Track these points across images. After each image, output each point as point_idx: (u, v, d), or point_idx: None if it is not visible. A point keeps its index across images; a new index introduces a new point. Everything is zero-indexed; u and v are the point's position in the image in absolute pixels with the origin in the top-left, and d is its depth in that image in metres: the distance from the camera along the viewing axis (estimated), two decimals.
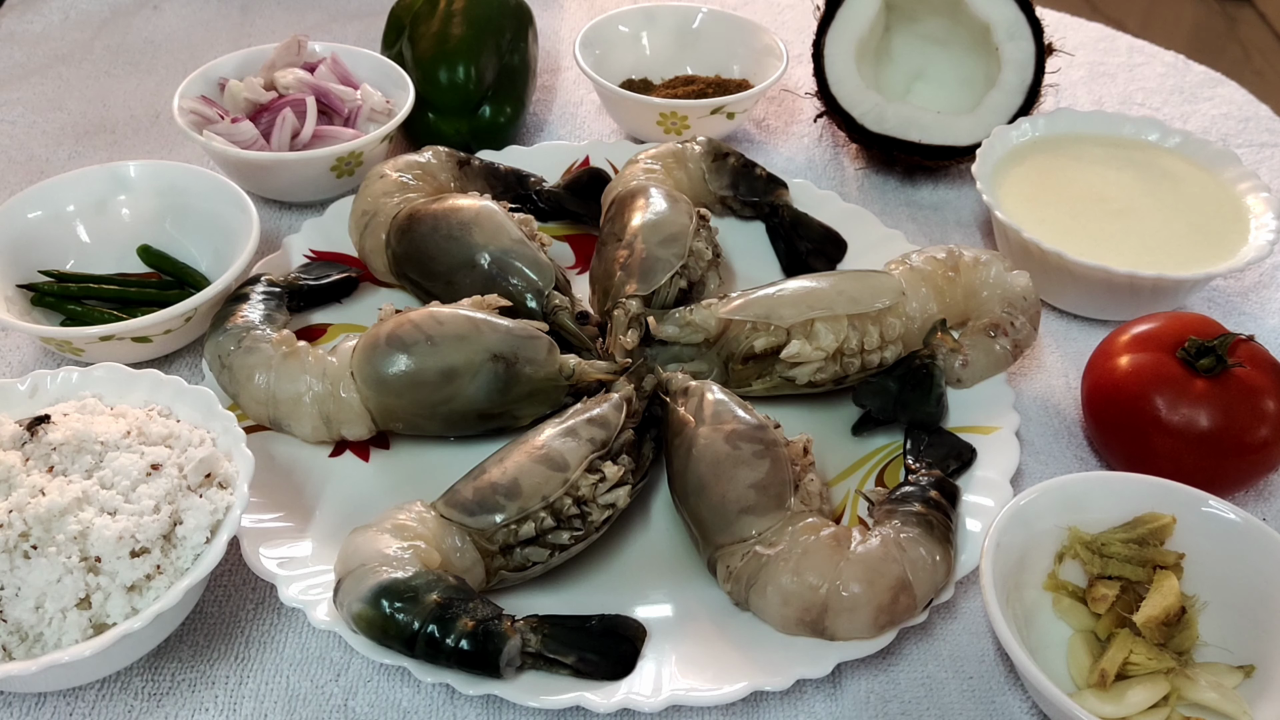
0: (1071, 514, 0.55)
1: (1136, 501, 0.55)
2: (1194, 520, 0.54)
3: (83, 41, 1.08)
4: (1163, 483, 0.55)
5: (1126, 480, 0.56)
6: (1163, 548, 0.54)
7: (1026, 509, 0.54)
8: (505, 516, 0.54)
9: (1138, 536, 0.54)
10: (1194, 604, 0.54)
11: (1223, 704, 0.50)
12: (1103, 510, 0.55)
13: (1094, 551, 0.54)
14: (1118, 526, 0.55)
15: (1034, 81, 0.86)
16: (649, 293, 0.67)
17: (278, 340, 0.64)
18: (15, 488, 0.51)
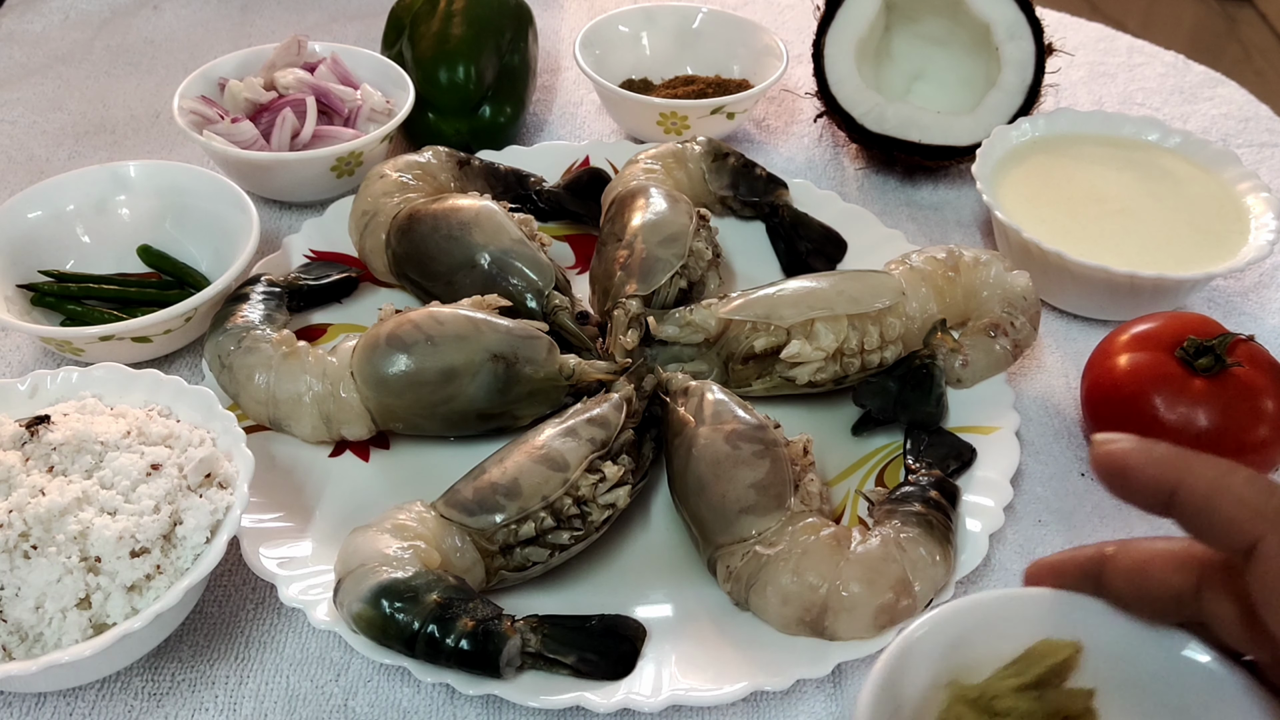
0: (949, 660, 0.39)
1: (1023, 628, 0.39)
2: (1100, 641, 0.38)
3: (83, 41, 1.08)
4: (1048, 595, 0.39)
5: (1004, 601, 0.40)
6: (1066, 687, 0.39)
7: (890, 679, 0.37)
8: (505, 516, 0.54)
9: (1033, 679, 0.39)
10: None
11: None
12: (987, 645, 0.39)
13: (982, 710, 0.39)
14: (1007, 667, 0.39)
15: (1034, 81, 0.86)
16: (649, 293, 0.67)
17: (278, 340, 0.64)
18: (15, 488, 0.51)
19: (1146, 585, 0.35)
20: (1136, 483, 0.32)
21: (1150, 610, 0.35)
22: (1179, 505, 0.31)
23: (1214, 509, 0.30)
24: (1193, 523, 0.31)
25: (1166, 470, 0.31)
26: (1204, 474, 0.31)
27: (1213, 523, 0.30)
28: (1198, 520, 0.31)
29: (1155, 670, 0.37)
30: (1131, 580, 0.35)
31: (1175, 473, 0.31)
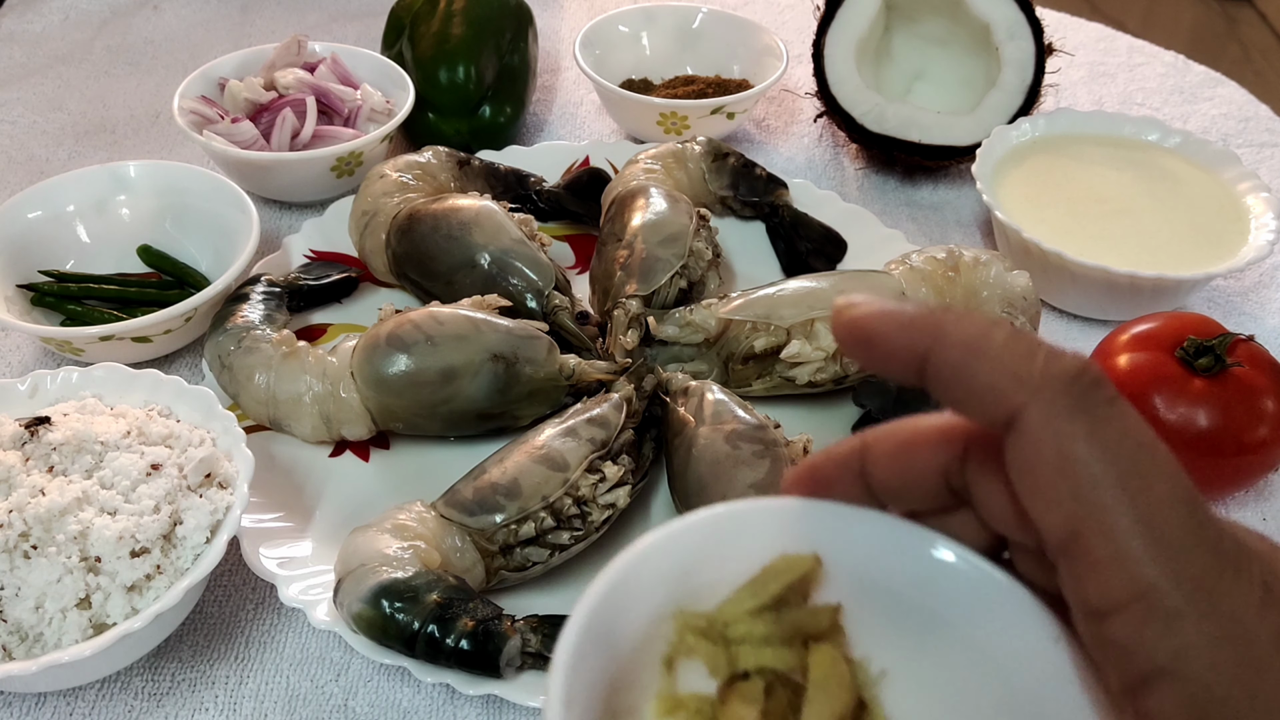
0: (675, 588, 0.33)
1: (757, 544, 0.33)
2: (846, 551, 0.33)
3: (83, 41, 1.08)
4: (786, 505, 0.33)
5: (733, 516, 0.33)
6: (809, 605, 0.34)
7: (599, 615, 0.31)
8: (505, 516, 0.54)
9: (771, 599, 0.33)
10: (873, 684, 0.33)
11: None
12: (717, 568, 0.33)
13: (715, 640, 0.33)
14: (742, 589, 0.33)
15: (1034, 81, 0.86)
16: (649, 293, 0.67)
17: (278, 340, 0.64)
18: (15, 488, 0.51)
19: (910, 469, 0.30)
20: (884, 350, 0.27)
21: (919, 497, 0.30)
22: (933, 371, 0.26)
23: (970, 375, 0.25)
24: (948, 394, 0.26)
25: (916, 335, 0.26)
26: (958, 336, 0.26)
27: (969, 392, 0.26)
28: (953, 391, 0.26)
29: (904, 576, 0.33)
30: (894, 466, 0.30)
31: (927, 337, 0.26)
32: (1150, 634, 0.24)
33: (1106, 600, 0.24)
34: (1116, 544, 0.24)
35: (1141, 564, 0.23)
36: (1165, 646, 0.23)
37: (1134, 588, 0.24)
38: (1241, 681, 0.23)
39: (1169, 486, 0.24)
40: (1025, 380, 0.25)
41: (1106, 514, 0.24)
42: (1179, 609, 0.23)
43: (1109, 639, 0.24)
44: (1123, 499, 0.24)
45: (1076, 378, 0.25)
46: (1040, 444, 0.25)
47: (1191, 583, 0.23)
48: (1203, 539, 0.24)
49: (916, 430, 0.30)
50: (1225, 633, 0.23)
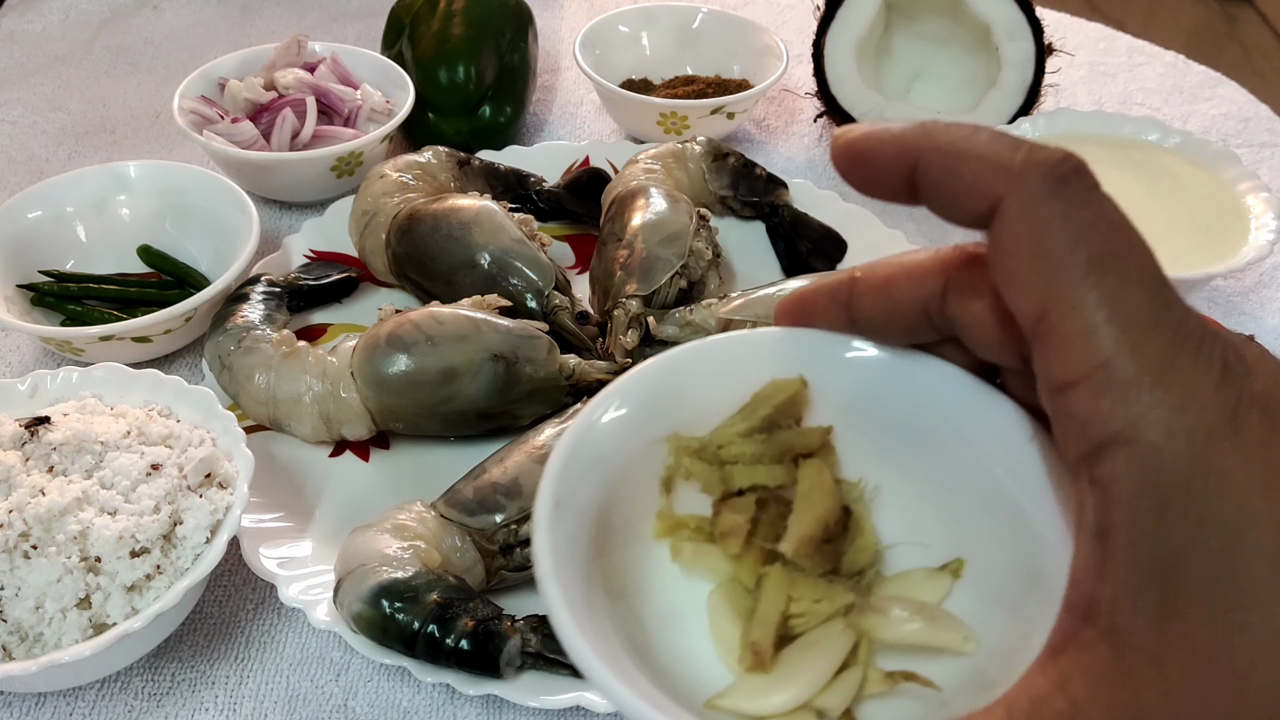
0: (668, 417, 0.34)
1: (748, 372, 0.35)
2: (834, 376, 0.34)
3: (83, 41, 1.08)
4: (775, 334, 0.35)
5: (724, 345, 0.35)
6: (800, 427, 0.35)
7: (589, 437, 0.32)
8: (505, 516, 0.54)
9: (761, 421, 0.34)
10: (860, 495, 0.35)
11: (930, 636, 0.31)
12: (708, 397, 0.35)
13: (709, 461, 0.34)
14: (734, 415, 0.34)
15: (1034, 81, 0.86)
16: (649, 293, 0.67)
17: (278, 340, 0.64)
18: (15, 488, 0.51)
19: (894, 300, 0.31)
20: (878, 163, 0.28)
21: (903, 329, 0.31)
22: (921, 177, 0.27)
23: (957, 174, 0.26)
24: (937, 197, 0.27)
25: (907, 145, 0.27)
26: (944, 139, 0.27)
27: (956, 190, 0.26)
28: (942, 192, 0.27)
29: (891, 396, 0.34)
30: (878, 298, 0.31)
31: (915, 145, 0.27)
32: (1106, 403, 0.24)
33: (1068, 372, 0.25)
34: (1081, 318, 0.24)
35: (1103, 337, 0.24)
36: (1120, 414, 0.24)
37: (1095, 359, 0.24)
38: (1193, 449, 0.23)
39: (1138, 268, 0.25)
40: (1007, 169, 0.25)
41: (1074, 290, 0.24)
42: (1137, 379, 0.24)
43: (1069, 409, 0.25)
44: (1090, 276, 0.24)
45: (1056, 165, 0.25)
46: (1017, 228, 0.25)
47: (1151, 356, 0.24)
48: (1166, 318, 0.24)
49: (900, 264, 0.31)
50: (1180, 403, 0.24)
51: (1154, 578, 0.23)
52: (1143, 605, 0.23)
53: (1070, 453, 0.25)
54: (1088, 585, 0.24)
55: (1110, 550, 0.24)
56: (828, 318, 0.33)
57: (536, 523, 0.29)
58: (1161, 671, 0.23)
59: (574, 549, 0.30)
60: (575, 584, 0.29)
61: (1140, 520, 0.24)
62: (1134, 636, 0.23)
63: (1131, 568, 0.24)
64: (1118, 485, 0.24)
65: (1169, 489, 0.23)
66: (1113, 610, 0.24)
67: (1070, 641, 0.24)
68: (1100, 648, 0.24)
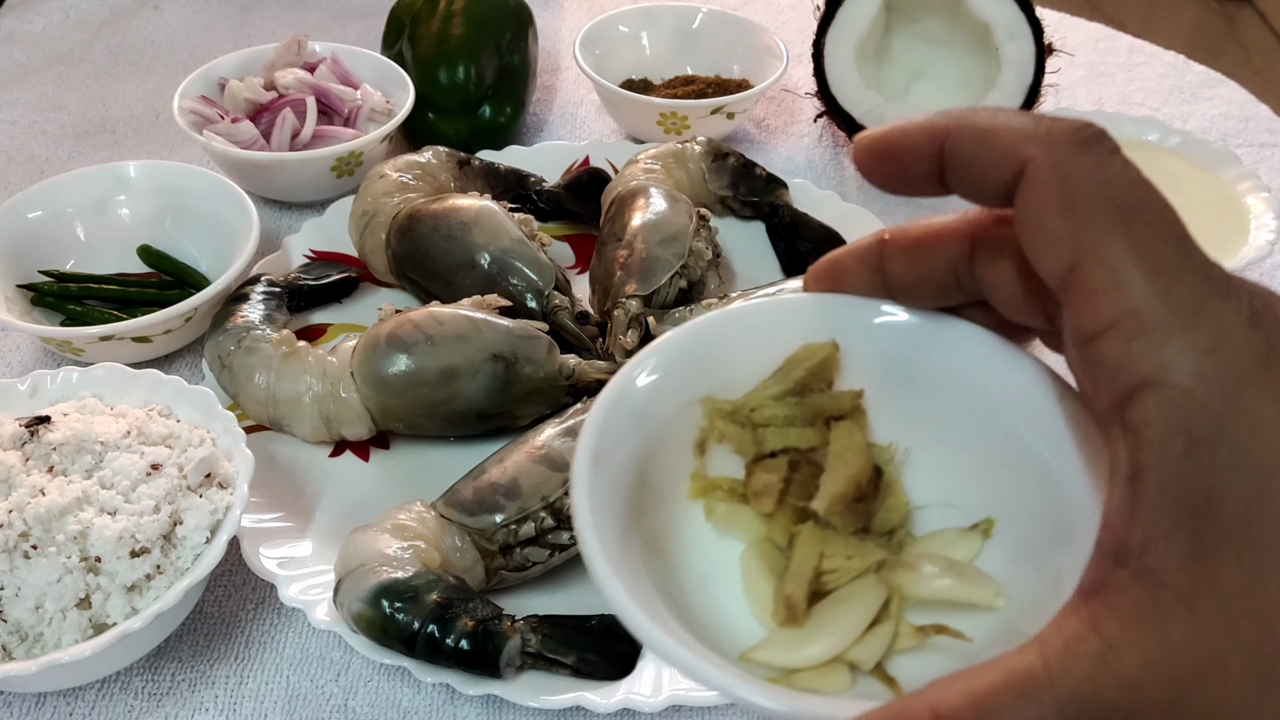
0: (702, 380, 0.35)
1: (780, 336, 0.35)
2: (865, 340, 0.35)
3: (83, 41, 1.08)
4: (806, 299, 0.35)
5: (757, 311, 0.36)
6: (832, 390, 0.35)
7: (627, 397, 0.33)
8: (505, 516, 0.54)
9: (794, 385, 0.35)
10: (891, 458, 0.35)
11: (961, 591, 0.31)
12: (742, 362, 0.35)
13: (742, 424, 0.35)
14: (767, 379, 0.35)
15: (1034, 81, 0.86)
16: (649, 293, 0.67)
17: (278, 340, 0.64)
18: (15, 488, 0.51)
19: (924, 263, 0.32)
20: (905, 150, 0.29)
21: (932, 292, 0.32)
22: (950, 156, 0.28)
23: (985, 148, 0.27)
24: (966, 172, 0.28)
25: (934, 129, 0.28)
26: (969, 120, 0.28)
27: (985, 165, 0.27)
28: (970, 170, 0.28)
29: (920, 358, 0.34)
30: (909, 261, 0.32)
31: (941, 130, 0.28)
32: (1137, 348, 0.24)
33: (1098, 321, 0.25)
34: (1110, 268, 0.25)
35: (1132, 284, 0.24)
36: (1151, 358, 0.24)
37: (1124, 306, 0.24)
38: (1224, 391, 0.24)
39: (1163, 221, 0.26)
40: (1033, 135, 0.26)
41: (1102, 241, 0.25)
42: (1167, 323, 0.24)
43: (1099, 358, 0.25)
44: (1119, 226, 0.25)
45: (1080, 129, 0.26)
46: (1046, 185, 0.26)
47: (1180, 301, 0.24)
48: (1193, 265, 0.25)
49: (930, 227, 0.32)
50: (1211, 345, 0.24)
51: (1185, 518, 0.24)
52: (1174, 546, 0.24)
53: (1102, 400, 0.26)
54: (1120, 527, 0.25)
55: (1141, 492, 0.24)
56: (858, 281, 0.33)
57: (575, 476, 0.30)
58: (1193, 611, 0.23)
59: (611, 503, 0.30)
60: (613, 536, 0.29)
61: (1171, 461, 0.24)
62: (1165, 576, 0.24)
63: (1162, 509, 0.24)
64: (1149, 428, 0.24)
65: (1200, 430, 0.24)
66: (1144, 551, 0.24)
67: (1103, 583, 0.25)
68: (1132, 588, 0.24)
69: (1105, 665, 0.24)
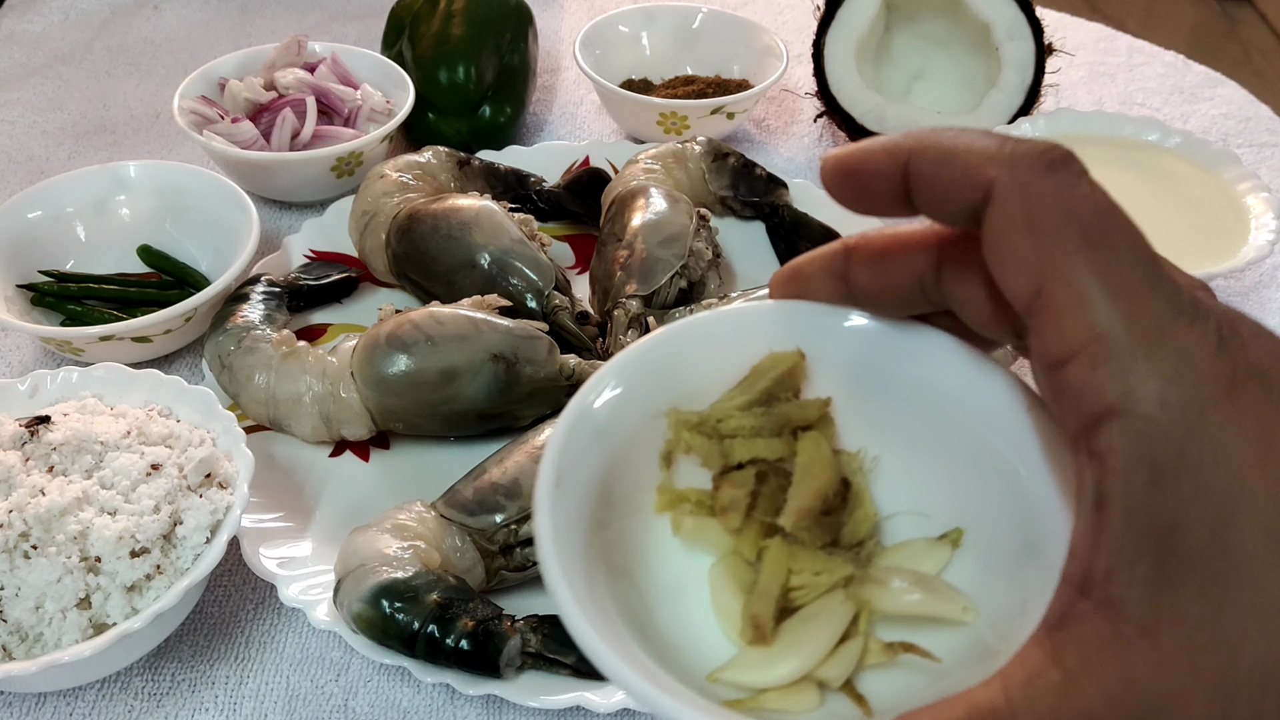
0: (667, 392, 0.34)
1: (745, 345, 0.35)
2: (831, 348, 0.34)
3: (83, 41, 1.08)
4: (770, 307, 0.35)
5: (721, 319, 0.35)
6: (799, 399, 0.35)
7: (588, 415, 0.32)
8: (505, 516, 0.54)
9: (760, 394, 0.34)
10: (859, 466, 0.35)
11: (930, 606, 0.31)
12: (706, 371, 0.35)
13: (709, 435, 0.34)
14: (733, 389, 0.35)
15: (1034, 81, 0.86)
16: (649, 293, 0.67)
17: (278, 340, 0.64)
18: (15, 488, 0.51)
19: (889, 273, 0.31)
20: (870, 170, 0.28)
21: (897, 301, 0.32)
22: (914, 176, 0.27)
23: (949, 169, 0.27)
24: (930, 196, 0.28)
25: (897, 149, 0.28)
26: (933, 141, 0.27)
27: (949, 185, 0.27)
28: (934, 190, 0.27)
29: (889, 367, 0.34)
30: (874, 271, 0.31)
31: (905, 151, 0.28)
32: (1102, 375, 0.24)
33: (1063, 346, 0.25)
34: (1075, 292, 0.24)
35: (1097, 308, 0.24)
36: (1116, 386, 0.24)
37: (1089, 331, 0.24)
38: (1187, 419, 0.23)
39: (1128, 243, 0.25)
40: (997, 157, 0.26)
41: (1068, 264, 0.25)
42: (1131, 350, 0.24)
43: (1066, 384, 0.25)
44: (1083, 249, 0.25)
45: (1046, 152, 0.26)
46: (1011, 207, 0.25)
47: (1145, 326, 0.24)
48: (1159, 289, 0.25)
49: (894, 237, 0.31)
50: (1175, 372, 0.24)
51: (1148, 548, 0.23)
52: (1137, 576, 0.23)
53: (1070, 427, 0.25)
54: (1085, 556, 0.24)
55: (1106, 521, 0.24)
56: (822, 289, 0.33)
57: (538, 502, 0.29)
58: (1154, 643, 0.23)
59: (575, 527, 0.30)
60: (576, 564, 0.29)
61: (1135, 490, 0.24)
62: (1127, 608, 0.23)
63: (1126, 538, 0.24)
64: (1114, 456, 0.24)
65: (1164, 459, 0.23)
66: (1107, 581, 0.24)
67: (1066, 614, 0.25)
68: (1095, 619, 0.24)
69: (1066, 699, 0.23)
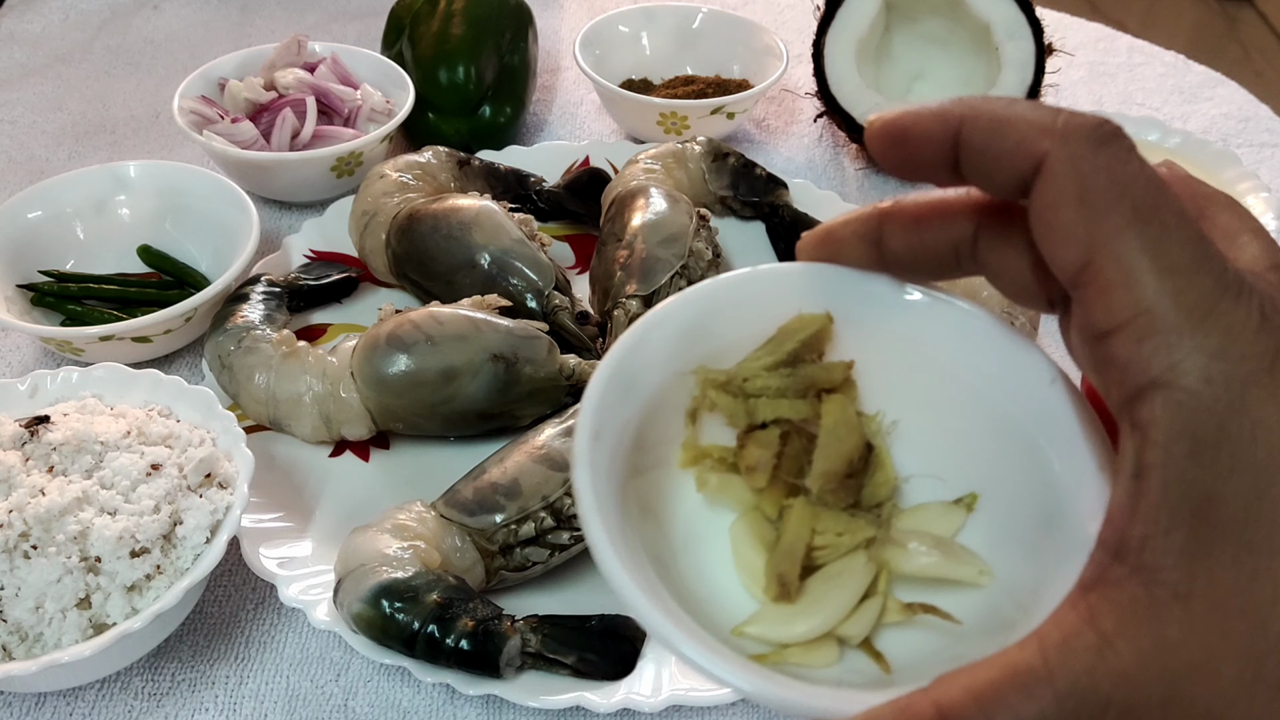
0: (696, 348, 0.35)
1: (773, 306, 0.35)
2: (858, 312, 0.35)
3: (83, 41, 1.08)
4: (800, 268, 0.35)
5: (751, 279, 0.35)
6: (824, 361, 0.35)
7: (624, 365, 0.33)
8: (505, 516, 0.54)
9: (786, 355, 0.35)
10: (879, 430, 0.35)
11: (946, 568, 0.32)
12: (734, 330, 0.35)
13: (735, 394, 0.35)
14: (759, 348, 0.35)
15: (1034, 81, 0.86)
16: (649, 293, 0.67)
17: (278, 340, 0.64)
18: (15, 488, 0.51)
19: (924, 239, 0.31)
20: (918, 135, 0.28)
21: (930, 267, 0.32)
22: (965, 144, 0.28)
23: (1000, 137, 0.27)
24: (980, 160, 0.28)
25: (949, 115, 0.28)
26: (985, 109, 0.27)
27: (999, 154, 0.27)
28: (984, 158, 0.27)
29: (914, 334, 0.34)
30: (908, 236, 0.31)
31: (956, 118, 0.28)
32: (1148, 348, 0.25)
33: (1110, 319, 0.25)
34: (1124, 266, 0.25)
35: (1145, 284, 0.25)
36: (1161, 360, 0.24)
37: (1137, 305, 0.25)
38: (1230, 393, 0.24)
39: (1177, 220, 0.25)
40: (1050, 129, 0.26)
41: (1117, 237, 0.25)
42: (1177, 325, 0.24)
43: (1111, 356, 0.26)
44: (1134, 224, 0.25)
45: (1098, 126, 0.26)
46: (1063, 180, 0.26)
47: (1191, 302, 0.24)
48: (1206, 266, 0.25)
49: (933, 202, 0.31)
50: (1219, 349, 0.24)
51: (1185, 518, 0.24)
52: (1172, 544, 0.24)
53: (1113, 398, 0.26)
54: (1121, 523, 0.25)
55: (1144, 490, 0.25)
56: (853, 253, 0.33)
57: (576, 456, 0.30)
58: (1187, 608, 0.24)
59: (610, 480, 0.31)
60: (614, 518, 0.30)
61: (1174, 461, 0.24)
62: (1162, 574, 0.24)
63: (1163, 507, 0.24)
64: (1155, 428, 0.25)
65: (1204, 432, 0.24)
66: (1143, 548, 0.25)
67: (1101, 578, 0.25)
68: (1130, 584, 0.25)
69: (1101, 660, 0.24)
